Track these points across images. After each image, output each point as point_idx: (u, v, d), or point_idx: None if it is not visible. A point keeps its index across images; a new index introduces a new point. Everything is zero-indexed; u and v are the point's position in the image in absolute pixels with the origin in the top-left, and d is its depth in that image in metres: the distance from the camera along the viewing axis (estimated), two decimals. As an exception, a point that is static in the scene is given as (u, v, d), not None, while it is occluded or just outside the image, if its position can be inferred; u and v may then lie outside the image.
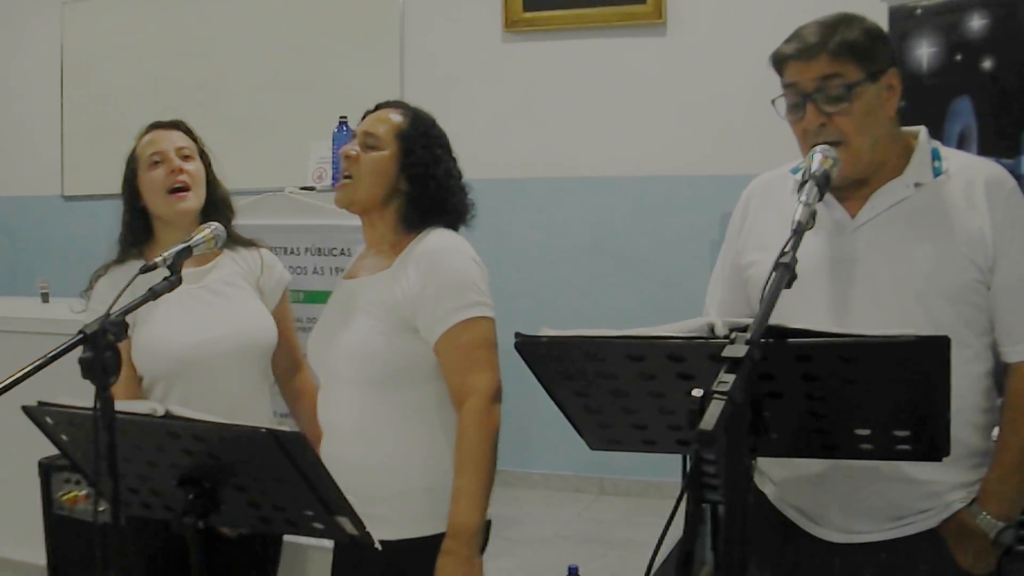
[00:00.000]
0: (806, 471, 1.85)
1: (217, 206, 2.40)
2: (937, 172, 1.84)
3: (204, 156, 2.43)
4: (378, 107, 2.22)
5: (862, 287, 1.81)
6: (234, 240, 2.42)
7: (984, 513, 1.81)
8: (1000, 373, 1.86)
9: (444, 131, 2.20)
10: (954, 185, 1.82)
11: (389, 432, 2.06)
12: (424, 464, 2.05)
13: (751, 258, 1.95)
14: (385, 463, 2.06)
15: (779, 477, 1.94)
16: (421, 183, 2.12)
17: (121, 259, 2.37)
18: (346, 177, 2.14)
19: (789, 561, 1.93)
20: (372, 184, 2.11)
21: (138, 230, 2.37)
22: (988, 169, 1.85)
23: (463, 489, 1.98)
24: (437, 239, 2.10)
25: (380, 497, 2.02)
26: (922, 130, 1.90)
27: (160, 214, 2.35)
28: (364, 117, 2.21)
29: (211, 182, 2.41)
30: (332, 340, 2.13)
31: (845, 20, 1.81)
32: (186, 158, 2.36)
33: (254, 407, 2.34)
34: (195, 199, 2.35)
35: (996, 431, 1.86)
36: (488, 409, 2.00)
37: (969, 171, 1.84)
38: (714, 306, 2.06)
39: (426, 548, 2.00)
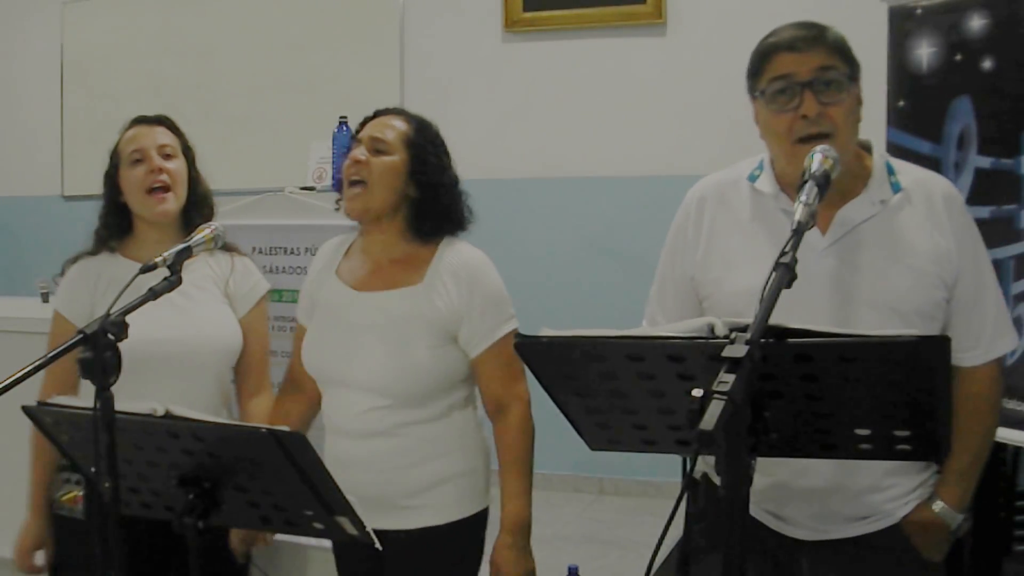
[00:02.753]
0: (773, 477, 1.87)
1: (197, 204, 2.35)
2: (896, 187, 1.88)
3: (188, 153, 2.37)
4: (377, 114, 2.19)
5: (835, 305, 1.82)
6: None
7: (944, 506, 1.91)
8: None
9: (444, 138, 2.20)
10: (914, 202, 1.87)
11: (427, 431, 2.12)
12: (460, 453, 2.16)
13: (714, 275, 1.95)
14: (426, 458, 2.12)
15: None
16: (431, 191, 2.13)
17: (94, 251, 2.35)
18: (357, 183, 2.11)
19: (758, 557, 1.95)
20: (385, 188, 2.10)
21: (114, 226, 2.34)
22: (940, 184, 1.92)
23: (516, 489, 2.16)
24: (469, 252, 2.16)
25: (422, 489, 2.12)
26: (872, 144, 1.93)
27: (139, 213, 2.31)
28: (363, 124, 2.18)
29: (192, 179, 2.36)
30: (357, 353, 2.11)
31: (823, 25, 1.84)
32: (168, 156, 2.31)
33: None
34: (174, 200, 2.30)
35: None
36: (530, 416, 2.18)
37: (924, 186, 1.89)
38: (661, 314, 2.05)
39: (467, 527, 2.16)
